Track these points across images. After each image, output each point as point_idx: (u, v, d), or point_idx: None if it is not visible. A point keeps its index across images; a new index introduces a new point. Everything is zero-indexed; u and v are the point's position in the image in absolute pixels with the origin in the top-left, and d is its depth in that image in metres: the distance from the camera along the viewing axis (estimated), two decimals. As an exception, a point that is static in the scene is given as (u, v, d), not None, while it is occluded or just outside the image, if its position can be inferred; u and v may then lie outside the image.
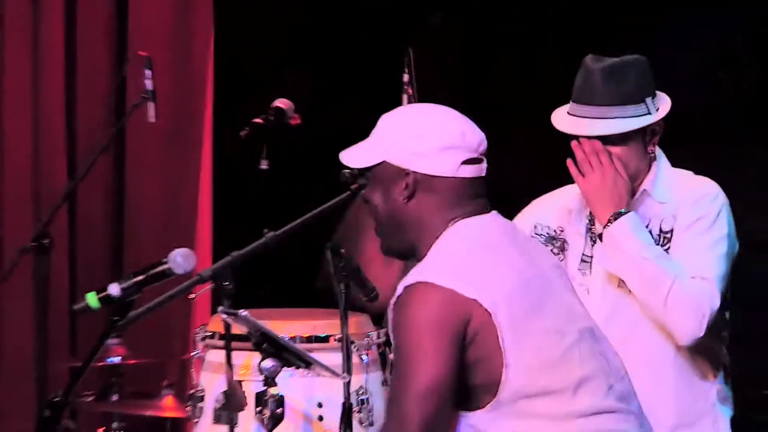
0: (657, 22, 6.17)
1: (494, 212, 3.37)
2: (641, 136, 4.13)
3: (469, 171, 3.35)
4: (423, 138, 3.36)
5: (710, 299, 3.96)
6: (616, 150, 4.14)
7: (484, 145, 3.40)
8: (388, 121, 3.48)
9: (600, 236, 4.14)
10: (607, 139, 4.11)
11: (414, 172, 3.34)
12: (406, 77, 5.01)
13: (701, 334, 3.95)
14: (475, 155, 3.36)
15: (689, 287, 3.99)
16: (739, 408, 4.14)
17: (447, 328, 3.16)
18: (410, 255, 3.45)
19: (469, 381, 3.21)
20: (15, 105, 6.42)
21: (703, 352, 4.07)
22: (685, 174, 4.19)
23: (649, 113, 4.12)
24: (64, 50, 6.46)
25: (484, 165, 3.40)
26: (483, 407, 3.17)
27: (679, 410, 4.10)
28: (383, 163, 3.39)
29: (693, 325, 3.96)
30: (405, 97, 4.99)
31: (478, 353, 3.16)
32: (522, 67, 6.43)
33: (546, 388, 3.19)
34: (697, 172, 4.19)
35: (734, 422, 4.10)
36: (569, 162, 4.13)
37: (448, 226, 3.30)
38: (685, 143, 4.43)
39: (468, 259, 3.25)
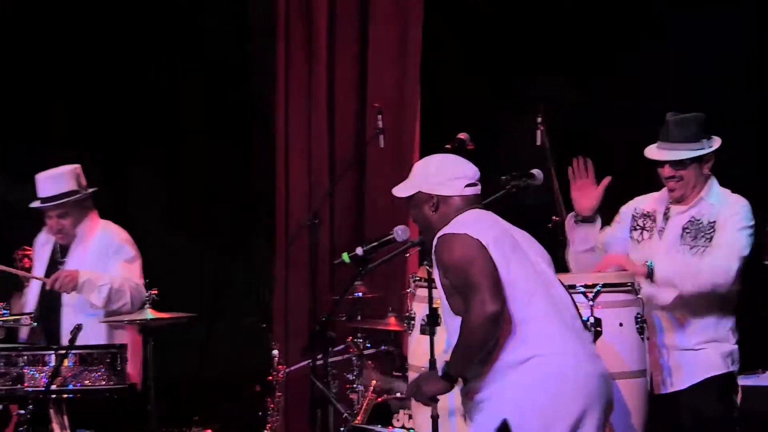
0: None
1: (486, 210, 4.06)
2: (698, 162, 4.98)
3: (470, 191, 4.07)
4: (440, 174, 4.06)
5: (733, 265, 4.83)
6: (682, 171, 4.93)
7: (478, 174, 4.08)
8: (418, 167, 4.16)
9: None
10: (677, 164, 4.97)
11: (437, 195, 4.05)
12: (539, 119, 6.12)
13: (731, 282, 4.84)
14: (473, 181, 4.06)
15: (716, 266, 4.78)
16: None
17: (476, 246, 3.88)
18: None
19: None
20: (296, 137, 7.75)
21: (726, 296, 4.96)
22: (726, 190, 5.06)
23: (703, 149, 4.95)
24: (327, 103, 7.68)
25: (479, 187, 4.08)
26: None
27: (715, 329, 4.98)
28: (418, 192, 4.09)
29: (725, 279, 4.85)
30: (539, 132, 6.07)
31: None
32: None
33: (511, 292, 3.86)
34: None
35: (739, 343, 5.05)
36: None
37: (454, 216, 3.98)
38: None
39: (470, 223, 3.95)
